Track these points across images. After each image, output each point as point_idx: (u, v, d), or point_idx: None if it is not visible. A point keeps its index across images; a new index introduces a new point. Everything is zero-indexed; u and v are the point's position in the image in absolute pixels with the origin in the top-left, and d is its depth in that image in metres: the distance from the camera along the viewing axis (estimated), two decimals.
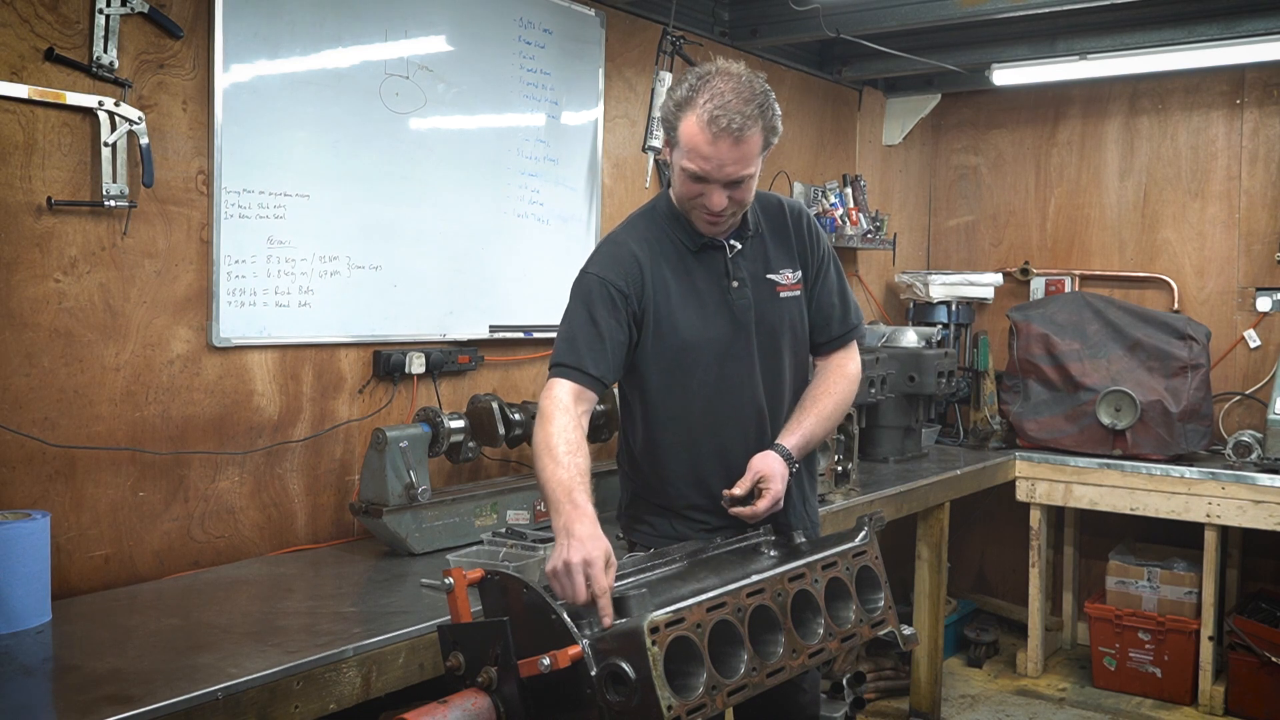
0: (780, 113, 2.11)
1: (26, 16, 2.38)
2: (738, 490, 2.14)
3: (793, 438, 2.22)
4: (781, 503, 2.18)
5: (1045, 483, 4.73)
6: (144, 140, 2.53)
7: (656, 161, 4.05)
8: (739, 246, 2.22)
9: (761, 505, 2.13)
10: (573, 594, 1.75)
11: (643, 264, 2.17)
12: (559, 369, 2.12)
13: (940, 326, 5.08)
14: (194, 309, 2.71)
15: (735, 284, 2.21)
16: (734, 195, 2.10)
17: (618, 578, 1.87)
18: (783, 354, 2.26)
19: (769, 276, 2.24)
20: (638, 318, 2.17)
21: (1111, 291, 5.19)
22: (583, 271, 2.20)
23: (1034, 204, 5.52)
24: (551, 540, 2.65)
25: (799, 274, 2.28)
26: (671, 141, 2.12)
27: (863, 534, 2.05)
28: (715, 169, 2.05)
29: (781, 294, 2.25)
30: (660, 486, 2.26)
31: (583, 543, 1.80)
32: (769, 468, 2.16)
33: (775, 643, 1.76)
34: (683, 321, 2.18)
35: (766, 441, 2.23)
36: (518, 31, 3.48)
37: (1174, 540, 4.84)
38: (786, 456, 2.19)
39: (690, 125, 2.04)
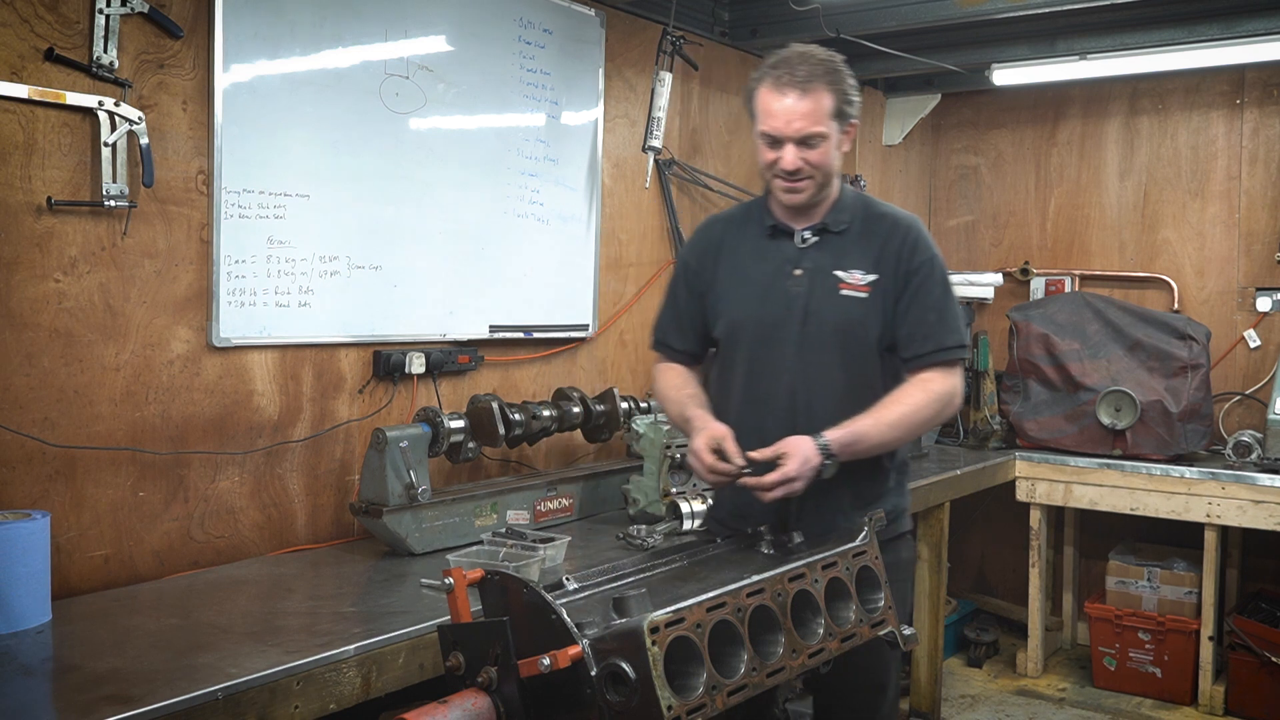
0: (858, 89, 2.24)
1: (26, 16, 2.38)
2: (756, 455, 2.11)
3: (838, 431, 2.17)
4: (796, 485, 2.10)
5: (1045, 483, 4.73)
6: (144, 140, 2.54)
7: (656, 161, 4.05)
8: (813, 239, 2.30)
9: (770, 477, 2.08)
10: (705, 469, 2.14)
11: (720, 242, 2.38)
12: (655, 345, 2.49)
13: None
14: (194, 309, 2.71)
15: (798, 272, 2.28)
16: (808, 157, 2.19)
17: (618, 578, 1.88)
18: (830, 348, 2.26)
19: (835, 272, 2.28)
20: (704, 292, 2.38)
21: (1111, 291, 5.19)
22: (678, 253, 2.47)
23: (1034, 204, 5.52)
24: (551, 539, 2.68)
25: (872, 278, 2.27)
26: (752, 118, 2.27)
27: (863, 534, 2.05)
28: (784, 125, 2.17)
29: (843, 291, 2.26)
30: None
31: (697, 432, 2.19)
32: (793, 446, 2.12)
33: (775, 643, 1.76)
34: (735, 299, 2.32)
35: (800, 429, 2.19)
36: (518, 31, 3.48)
37: (1174, 540, 4.84)
38: (823, 447, 2.14)
39: (762, 91, 2.21)
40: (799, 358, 2.26)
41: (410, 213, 3.19)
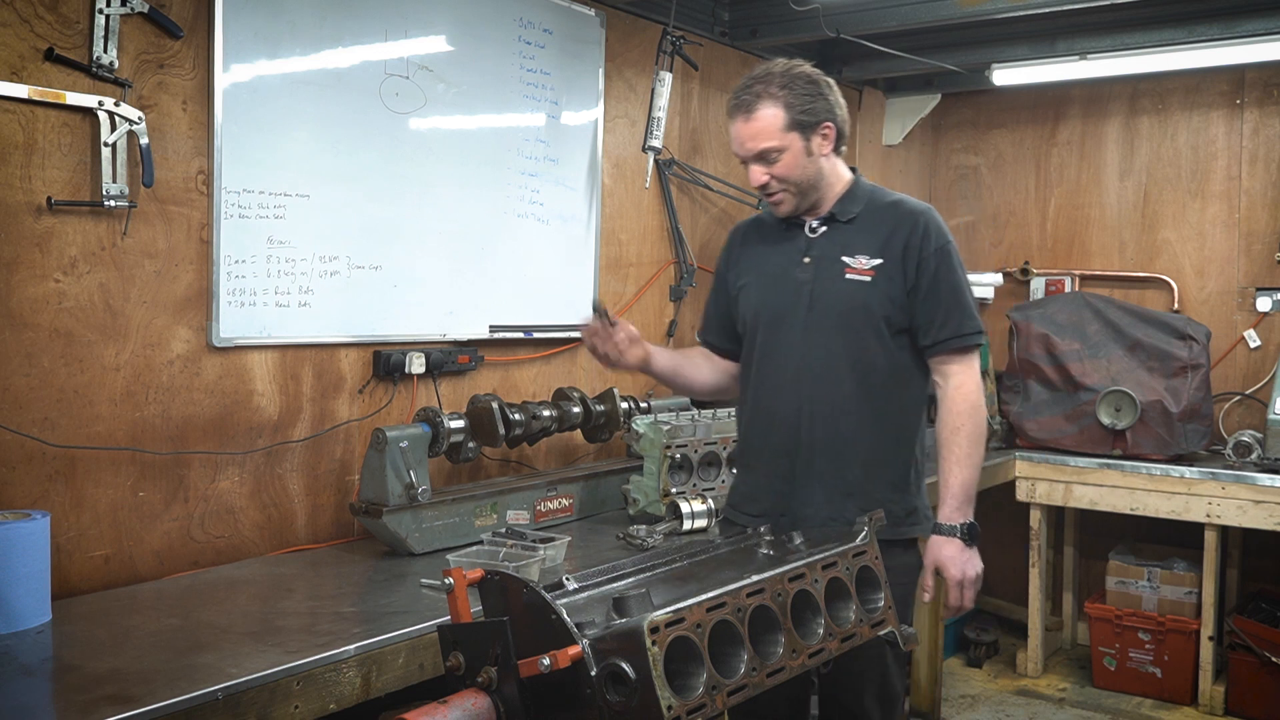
0: (822, 93, 2.30)
1: (26, 16, 2.38)
2: (926, 597, 2.36)
3: (946, 506, 2.34)
4: (979, 581, 2.34)
5: (1045, 483, 4.73)
6: (144, 140, 2.53)
7: (656, 161, 4.05)
8: (822, 230, 2.40)
9: (953, 598, 2.33)
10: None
11: (739, 241, 2.55)
12: (701, 342, 2.65)
13: None
14: (194, 309, 2.71)
15: (806, 260, 2.38)
16: (771, 171, 2.30)
17: (618, 578, 1.88)
18: (834, 331, 2.33)
19: (842, 258, 2.35)
20: (730, 290, 2.53)
21: (1111, 291, 5.19)
22: None
23: (1034, 204, 5.52)
24: (551, 539, 2.68)
25: (876, 262, 2.33)
26: None
27: (863, 534, 2.05)
28: (739, 147, 2.32)
29: (848, 275, 2.34)
30: (739, 441, 2.56)
31: None
32: (937, 557, 2.33)
33: (775, 643, 1.76)
34: (752, 289, 2.45)
35: (805, 412, 2.34)
36: (518, 31, 3.48)
37: (1174, 540, 4.84)
38: (951, 531, 2.32)
39: (728, 116, 2.35)
40: (805, 341, 2.35)
41: (410, 213, 3.19)
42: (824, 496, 2.34)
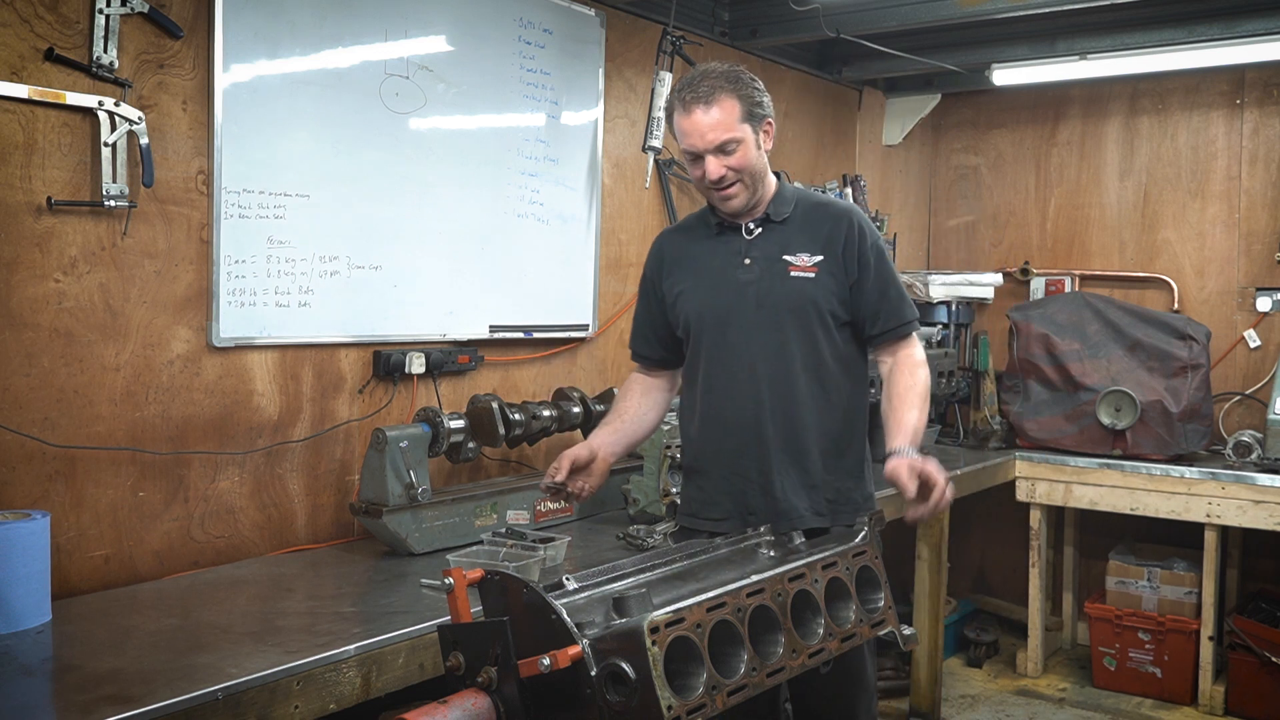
0: (763, 90, 2.36)
1: (26, 16, 2.38)
2: (910, 495, 2.16)
3: (898, 439, 2.28)
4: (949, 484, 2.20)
5: (1045, 483, 4.73)
6: (144, 140, 2.54)
7: (656, 161, 4.05)
8: (759, 231, 2.41)
9: (935, 494, 2.15)
10: (550, 471, 2.34)
11: (666, 248, 2.53)
12: (632, 356, 2.63)
13: (940, 326, 5.07)
14: (194, 309, 2.71)
15: (747, 261, 2.39)
16: (730, 164, 2.30)
17: (618, 578, 1.88)
18: (784, 328, 2.36)
19: (784, 258, 2.38)
20: (662, 298, 2.50)
21: (1111, 291, 5.19)
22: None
23: (1034, 204, 5.52)
24: (551, 539, 2.68)
25: (818, 259, 2.37)
26: (676, 140, 2.38)
27: (863, 534, 2.05)
28: (698, 139, 2.29)
29: (792, 273, 2.37)
30: (687, 447, 2.50)
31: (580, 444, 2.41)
32: (901, 464, 2.19)
33: (775, 643, 1.76)
34: (692, 293, 2.43)
35: (765, 409, 2.34)
36: (518, 31, 3.48)
37: (1174, 540, 4.84)
38: (908, 454, 2.26)
39: (676, 116, 2.33)
40: (753, 340, 2.37)
41: (410, 213, 3.19)
42: (790, 493, 2.35)
